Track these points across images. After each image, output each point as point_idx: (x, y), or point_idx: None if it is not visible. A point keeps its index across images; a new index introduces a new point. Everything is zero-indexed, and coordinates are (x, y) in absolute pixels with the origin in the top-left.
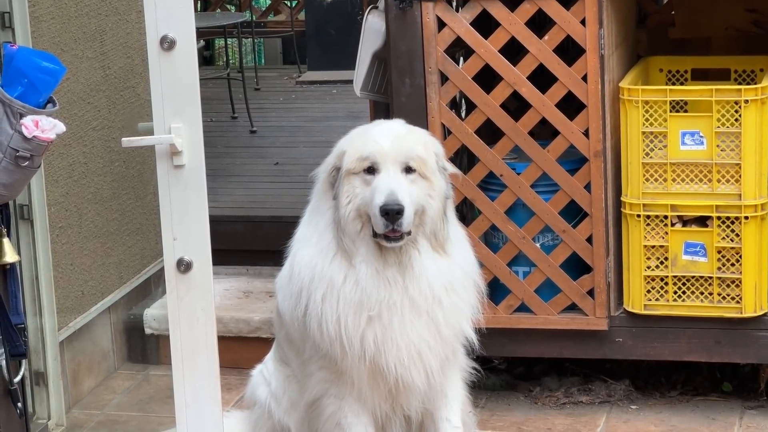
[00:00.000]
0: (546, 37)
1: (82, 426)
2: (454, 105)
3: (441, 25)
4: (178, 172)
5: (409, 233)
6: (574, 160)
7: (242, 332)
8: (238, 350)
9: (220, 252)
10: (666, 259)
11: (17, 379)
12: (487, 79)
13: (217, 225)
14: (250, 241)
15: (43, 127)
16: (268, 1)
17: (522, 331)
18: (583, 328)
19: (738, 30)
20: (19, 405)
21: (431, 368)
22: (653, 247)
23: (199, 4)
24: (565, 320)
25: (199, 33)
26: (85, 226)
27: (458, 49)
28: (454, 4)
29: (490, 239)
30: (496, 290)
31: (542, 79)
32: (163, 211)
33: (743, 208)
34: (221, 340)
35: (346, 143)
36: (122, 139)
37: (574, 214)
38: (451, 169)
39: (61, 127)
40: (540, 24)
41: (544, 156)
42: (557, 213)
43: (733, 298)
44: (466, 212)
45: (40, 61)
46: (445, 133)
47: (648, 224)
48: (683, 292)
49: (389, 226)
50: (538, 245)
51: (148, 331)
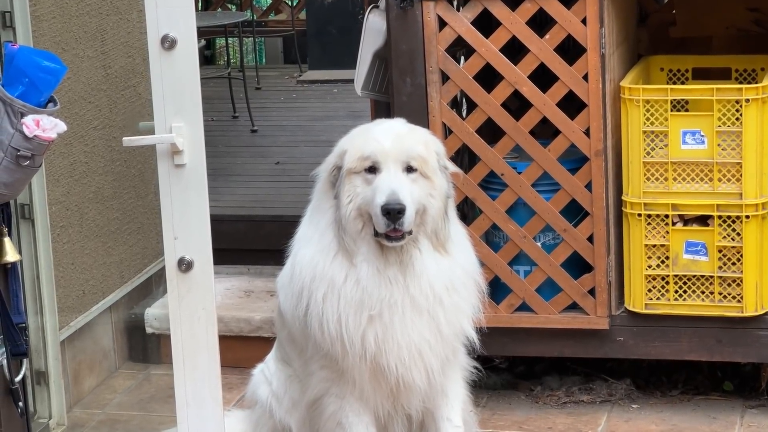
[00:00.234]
0: (547, 37)
1: (83, 425)
2: (455, 104)
3: (442, 24)
4: (179, 172)
5: (410, 232)
6: (575, 160)
7: (243, 331)
8: (239, 349)
9: (221, 251)
10: (667, 258)
11: (18, 379)
12: (488, 78)
13: (218, 224)
14: (251, 241)
15: (44, 126)
16: (269, 1)
17: (523, 330)
18: (584, 328)
19: (739, 29)
20: (20, 404)
21: (432, 367)
22: (654, 247)
23: (200, 4)
24: (566, 319)
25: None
26: (86, 225)
27: (459, 49)
28: (455, 3)
29: (491, 238)
30: (497, 289)
31: (543, 78)
32: (164, 211)
33: (744, 207)
34: (222, 339)
35: (347, 142)
36: (123, 139)
37: (575, 213)
38: (453, 168)
39: (62, 127)
40: (541, 23)
41: (545, 155)
42: (558, 212)
43: (734, 297)
44: (467, 211)
45: (41, 60)
46: (446, 133)
47: (649, 223)
48: (684, 292)
49: (390, 225)
50: (539, 244)
51: (149, 331)
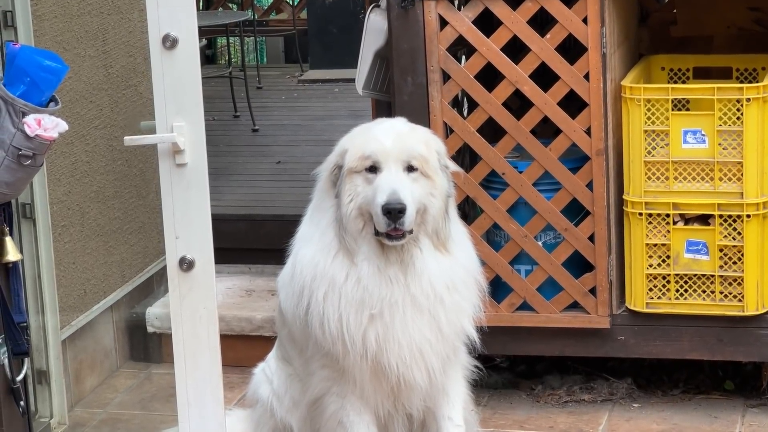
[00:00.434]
0: (548, 36)
1: (85, 424)
2: (456, 103)
3: (443, 23)
4: (181, 171)
5: (410, 232)
6: (576, 159)
7: (244, 331)
8: (241, 349)
9: (223, 250)
10: (668, 257)
11: (20, 378)
12: (489, 77)
13: (220, 223)
14: (253, 240)
15: (45, 125)
16: (270, 0)
17: (524, 329)
18: (585, 327)
19: (740, 28)
20: (22, 403)
21: (433, 366)
22: (655, 246)
23: (201, 3)
24: (567, 318)
25: (201, 31)
26: (88, 224)
27: (460, 48)
28: (456, 2)
29: (492, 237)
30: (498, 288)
31: (544, 77)
32: (166, 210)
33: (745, 206)
34: (223, 338)
35: (348, 142)
36: (124, 138)
37: (576, 212)
38: (454, 167)
39: (63, 126)
40: (542, 22)
41: (546, 154)
42: (559, 211)
43: (735, 297)
44: (468, 210)
45: (42, 59)
46: (447, 132)
47: (650, 222)
48: (685, 291)
49: (391, 225)
50: (540, 243)
51: (150, 330)
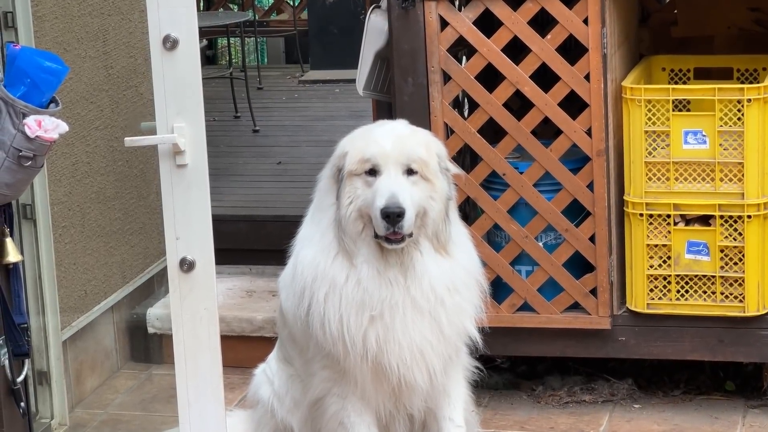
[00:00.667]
0: (548, 36)
1: (85, 425)
2: (457, 104)
3: (444, 24)
4: (181, 172)
5: (410, 235)
6: (577, 159)
7: (245, 331)
8: (241, 349)
9: (223, 251)
10: (669, 258)
11: (20, 379)
12: (490, 78)
13: (220, 224)
14: (253, 241)
15: (45, 126)
16: (271, 0)
17: (525, 330)
18: (586, 327)
19: (740, 29)
20: (22, 404)
21: (434, 368)
22: (656, 246)
23: (201, 4)
24: (567, 319)
25: (202, 32)
26: (88, 225)
27: (461, 48)
28: (457, 3)
29: (493, 238)
30: (498, 289)
31: (545, 78)
32: (166, 211)
33: (746, 207)
34: (224, 339)
35: (349, 144)
36: (125, 139)
37: (576, 213)
38: (454, 170)
39: (63, 127)
40: (542, 23)
41: (547, 155)
42: (560, 212)
43: (736, 297)
44: (469, 211)
45: (42, 60)
46: (448, 133)
47: (651, 223)
48: (686, 291)
49: (390, 228)
50: (541, 244)
51: (151, 331)
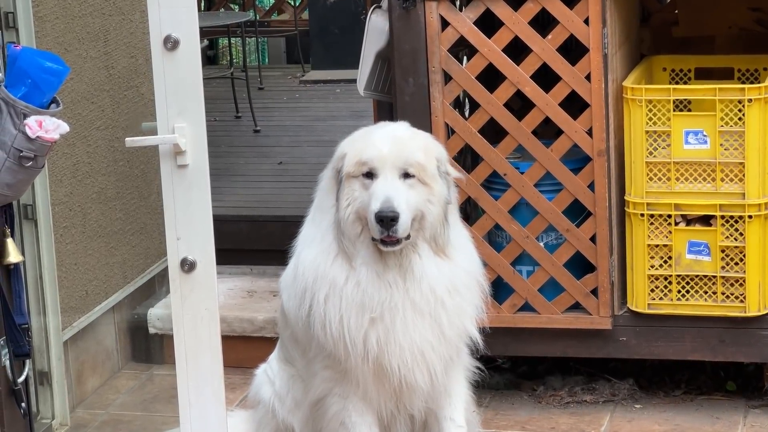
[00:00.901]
0: (549, 37)
1: (86, 425)
2: (458, 104)
3: (444, 24)
4: (182, 172)
5: (408, 237)
6: (578, 159)
7: (246, 332)
8: (242, 350)
9: (224, 251)
10: (670, 258)
11: (21, 379)
12: (491, 78)
13: (221, 224)
14: (254, 241)
15: (46, 127)
16: (272, 1)
17: (526, 330)
18: (587, 327)
19: (741, 29)
20: (23, 405)
21: (435, 369)
22: (657, 246)
23: (202, 4)
24: (568, 319)
25: (203, 32)
26: (89, 225)
27: (462, 49)
28: (458, 3)
29: (494, 238)
30: (499, 289)
31: (546, 78)
32: (167, 211)
33: (747, 207)
34: (225, 339)
35: (348, 146)
36: (126, 139)
37: (577, 213)
38: (455, 173)
39: (64, 128)
40: (543, 23)
41: (548, 155)
42: (561, 212)
43: (737, 297)
44: (470, 211)
45: (43, 61)
46: (449, 133)
47: (652, 223)
48: (687, 291)
49: (384, 232)
50: (542, 244)
51: (152, 331)
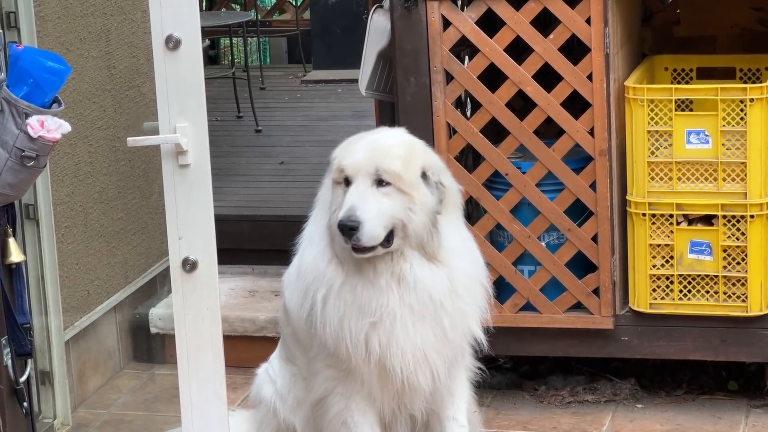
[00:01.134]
0: (551, 36)
1: (88, 425)
2: (460, 104)
3: (446, 24)
4: (184, 172)
5: (387, 245)
6: (580, 159)
7: (248, 331)
8: (244, 349)
9: (226, 251)
10: (671, 257)
11: (23, 379)
12: (493, 78)
13: (223, 224)
14: (256, 241)
15: (48, 127)
16: (273, 0)
17: (527, 329)
18: (589, 327)
19: (743, 28)
20: (25, 404)
21: (438, 371)
22: (659, 246)
23: (204, 4)
24: (570, 319)
25: (205, 32)
26: (91, 225)
27: (463, 48)
28: (459, 3)
29: (496, 238)
30: (501, 289)
31: (547, 78)
32: (169, 211)
33: (749, 206)
34: (226, 339)
35: (338, 151)
36: (127, 139)
37: (579, 212)
38: (450, 184)
39: (66, 127)
40: (545, 23)
41: (550, 155)
42: (562, 212)
43: (738, 297)
44: (472, 211)
45: (45, 60)
46: (451, 132)
47: (653, 223)
48: (689, 291)
49: (348, 240)
50: (544, 244)
51: (153, 331)
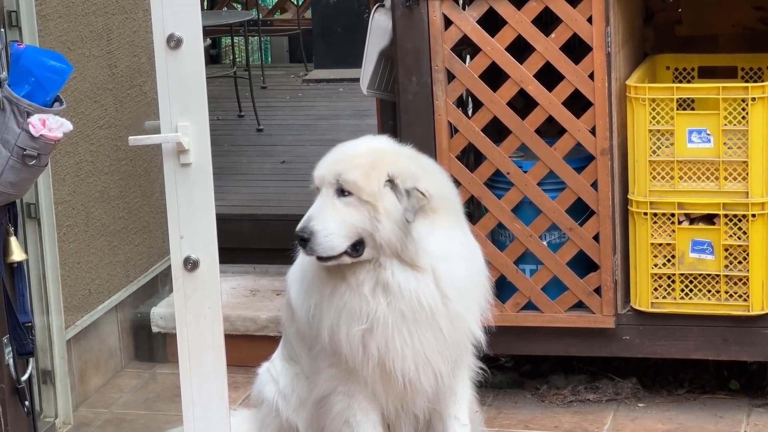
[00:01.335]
0: (552, 35)
1: (89, 424)
2: (461, 103)
3: (447, 23)
4: (185, 171)
5: (355, 254)
6: (581, 158)
7: (249, 330)
8: (245, 348)
9: (227, 250)
10: (673, 257)
11: (24, 378)
12: (494, 77)
13: (224, 223)
14: (257, 240)
15: (50, 125)
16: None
17: (529, 329)
18: (590, 326)
19: (745, 27)
20: (27, 403)
21: (440, 372)
22: (660, 245)
23: (205, 3)
24: (572, 318)
25: (206, 31)
26: (92, 224)
27: (465, 47)
28: (461, 2)
29: (497, 237)
30: (503, 288)
31: (549, 77)
32: (170, 210)
33: (750, 206)
34: (228, 338)
35: (320, 160)
36: (129, 138)
37: (580, 212)
38: (429, 187)
39: (68, 126)
40: (546, 22)
41: (551, 154)
42: (564, 211)
43: (740, 296)
44: (473, 210)
45: (47, 59)
46: (452, 131)
47: (655, 222)
48: (690, 290)
49: (304, 250)
50: (545, 243)
51: (155, 330)
